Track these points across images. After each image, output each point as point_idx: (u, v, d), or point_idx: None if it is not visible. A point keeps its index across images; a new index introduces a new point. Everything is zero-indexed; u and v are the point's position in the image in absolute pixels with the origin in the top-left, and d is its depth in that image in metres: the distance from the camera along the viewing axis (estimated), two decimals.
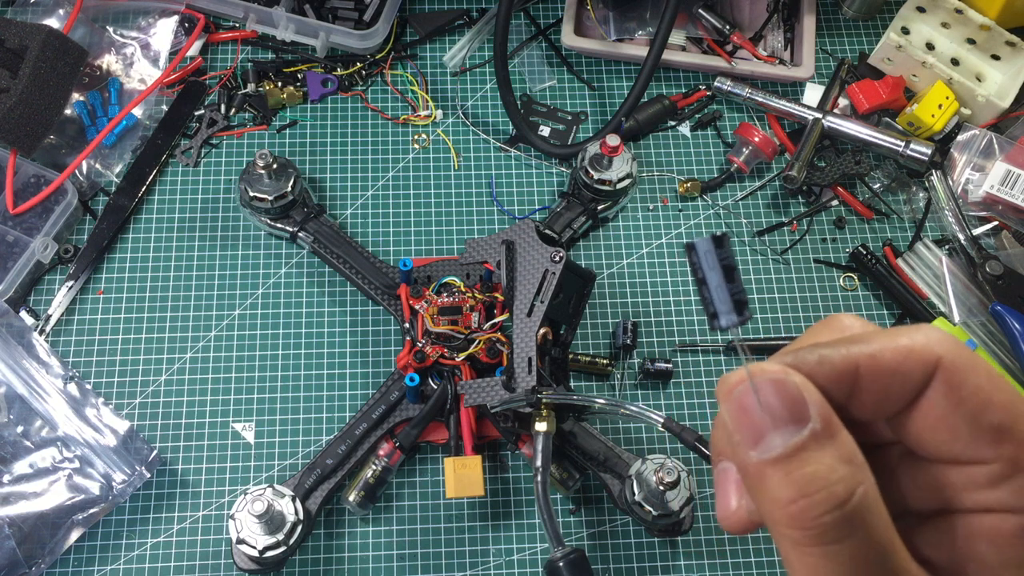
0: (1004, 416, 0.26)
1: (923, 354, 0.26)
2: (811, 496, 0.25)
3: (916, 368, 0.26)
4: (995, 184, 0.77)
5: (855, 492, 0.25)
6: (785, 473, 0.25)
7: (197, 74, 0.82)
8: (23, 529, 0.64)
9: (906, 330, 0.27)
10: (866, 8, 0.87)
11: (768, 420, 0.26)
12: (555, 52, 0.86)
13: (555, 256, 0.67)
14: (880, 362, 0.27)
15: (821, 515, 0.25)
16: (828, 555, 0.25)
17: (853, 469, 0.25)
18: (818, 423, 0.25)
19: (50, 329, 0.72)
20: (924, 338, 0.27)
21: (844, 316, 0.30)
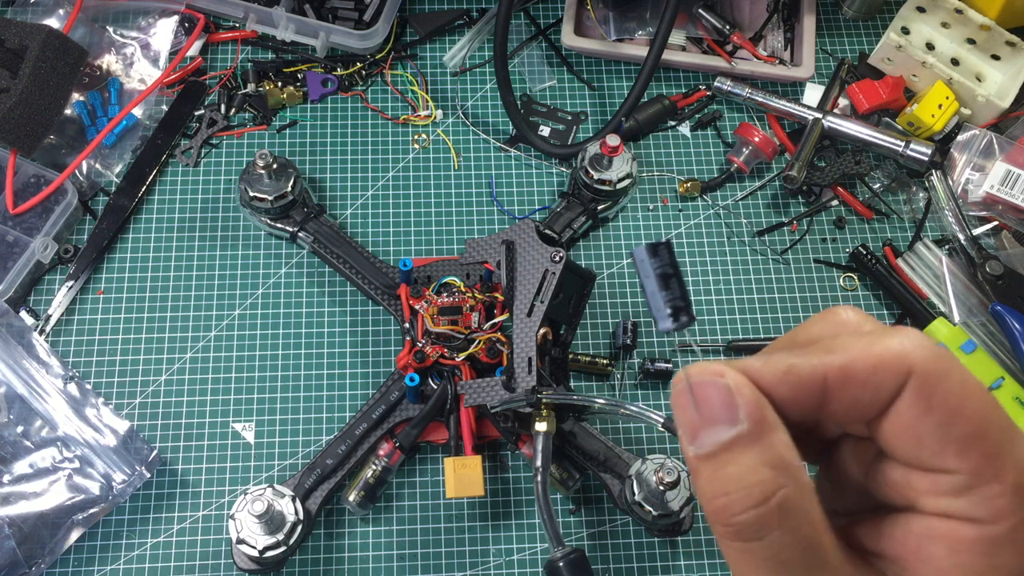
0: (972, 428, 0.26)
1: (895, 364, 0.27)
2: (730, 495, 0.26)
3: (887, 378, 0.27)
4: (995, 184, 0.77)
5: (774, 495, 0.26)
6: (712, 470, 0.27)
7: (197, 74, 0.82)
8: (23, 529, 0.64)
9: (882, 336, 0.27)
10: (866, 8, 0.87)
11: (700, 418, 0.27)
12: (555, 52, 0.86)
13: (555, 256, 0.67)
14: (850, 373, 0.27)
15: (738, 513, 0.26)
16: (747, 550, 0.26)
17: (775, 473, 0.26)
18: (746, 425, 0.27)
19: (50, 329, 0.72)
20: (898, 347, 0.27)
21: (842, 310, 0.30)
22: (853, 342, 0.27)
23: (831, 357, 0.27)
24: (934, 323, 0.72)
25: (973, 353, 0.70)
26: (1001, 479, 0.26)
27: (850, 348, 0.27)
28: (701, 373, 0.28)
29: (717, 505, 0.27)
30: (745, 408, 0.27)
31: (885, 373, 0.27)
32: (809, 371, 0.27)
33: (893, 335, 0.27)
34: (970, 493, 0.26)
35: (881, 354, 0.27)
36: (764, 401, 0.27)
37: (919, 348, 0.26)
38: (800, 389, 0.28)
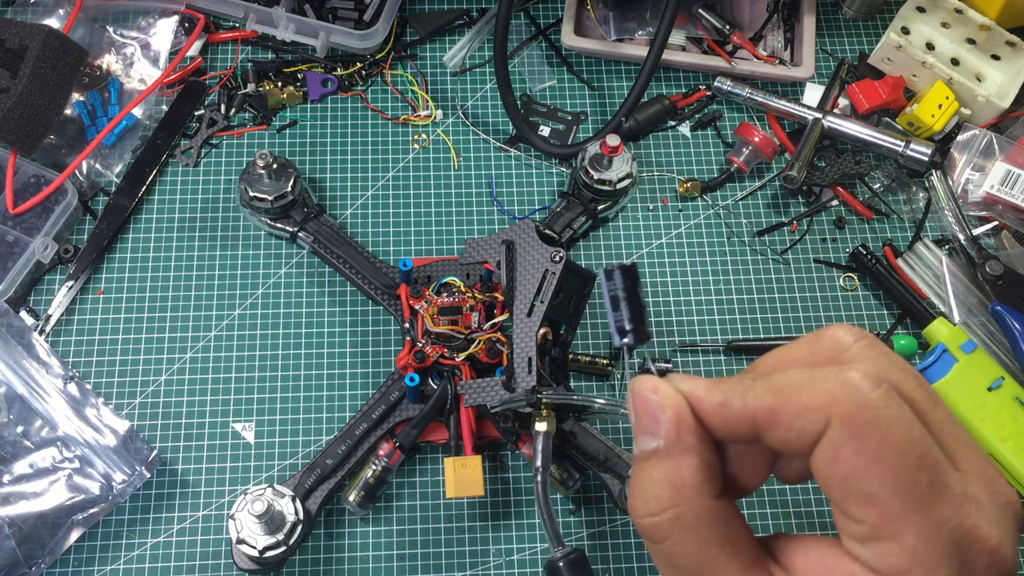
0: (877, 485, 0.27)
1: (816, 413, 0.28)
2: (637, 497, 0.31)
3: (809, 425, 0.28)
4: (995, 184, 0.77)
5: (666, 511, 0.30)
6: (635, 471, 0.31)
7: (197, 74, 0.82)
8: (23, 529, 0.64)
9: (820, 380, 0.28)
10: (866, 8, 0.87)
11: (635, 426, 0.31)
12: (555, 52, 0.86)
13: (555, 256, 0.67)
14: (777, 416, 0.29)
15: (639, 516, 0.30)
16: (650, 547, 0.31)
17: (673, 491, 0.30)
18: (661, 443, 0.30)
19: (50, 329, 0.72)
20: (825, 394, 0.28)
21: (832, 331, 0.31)
22: (792, 379, 0.29)
23: (763, 398, 0.29)
24: (934, 323, 0.72)
25: (973, 353, 0.70)
26: (899, 539, 0.27)
27: (784, 390, 0.29)
28: (641, 386, 0.31)
29: (631, 502, 0.31)
30: (664, 427, 0.30)
31: (807, 419, 0.28)
32: (740, 408, 0.30)
33: (831, 379, 0.28)
34: (872, 544, 0.27)
35: (807, 401, 0.28)
36: (686, 423, 0.30)
37: (846, 398, 0.27)
38: (731, 423, 0.30)
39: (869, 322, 0.75)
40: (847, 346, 0.30)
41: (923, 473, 0.27)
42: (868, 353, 0.30)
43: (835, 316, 0.76)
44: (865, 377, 0.28)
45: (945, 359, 0.70)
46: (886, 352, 0.30)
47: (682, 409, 0.30)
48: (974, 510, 0.27)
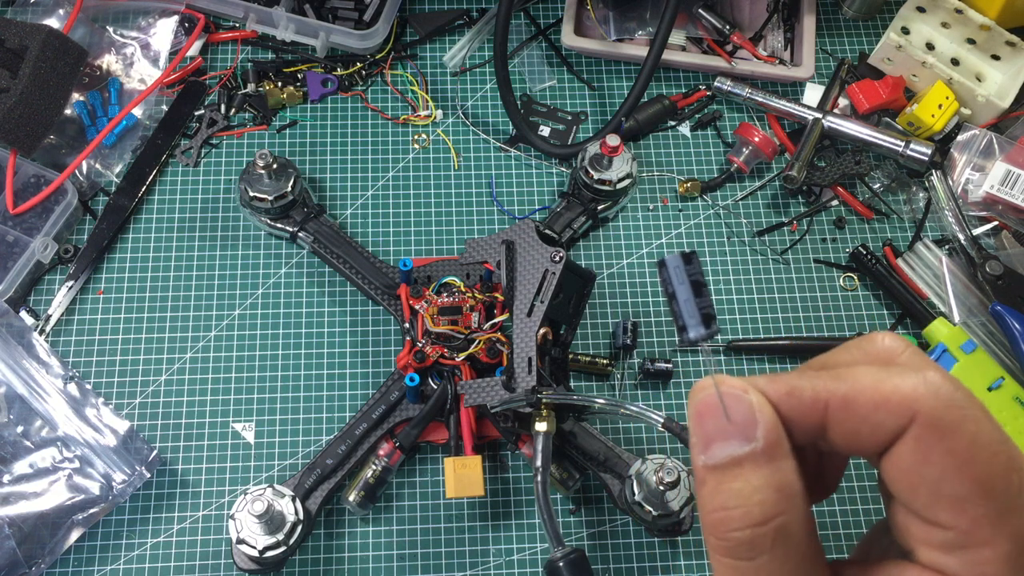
0: (970, 488, 0.25)
1: (899, 406, 0.26)
2: (730, 510, 0.26)
3: (888, 419, 0.26)
4: (995, 184, 0.77)
5: (772, 519, 0.26)
6: (718, 482, 0.27)
7: (197, 74, 0.82)
8: (23, 529, 0.64)
9: (900, 374, 0.26)
10: (866, 8, 0.87)
11: (719, 430, 0.27)
12: (555, 52, 0.86)
13: (555, 256, 0.67)
14: (852, 405, 0.27)
15: (734, 530, 0.26)
16: (735, 568, 0.27)
17: (778, 498, 0.26)
18: (760, 444, 0.27)
19: (50, 329, 0.72)
20: (909, 389, 0.26)
21: (881, 336, 0.29)
22: (866, 374, 0.27)
23: (836, 385, 0.27)
24: (934, 323, 0.72)
25: (973, 353, 0.70)
26: (994, 545, 0.25)
27: (859, 379, 0.27)
28: (730, 385, 0.28)
29: (715, 518, 0.27)
30: (763, 427, 0.27)
31: (887, 413, 0.26)
32: (811, 395, 0.27)
33: (911, 375, 0.26)
34: (961, 553, 0.26)
35: (888, 393, 0.26)
36: (780, 424, 0.27)
37: (931, 395, 0.26)
38: (800, 412, 0.27)
39: (869, 322, 0.75)
40: (898, 352, 0.29)
41: (1015, 475, 0.25)
42: (922, 360, 0.28)
43: (835, 316, 0.76)
44: (946, 378, 0.26)
45: (945, 359, 0.70)
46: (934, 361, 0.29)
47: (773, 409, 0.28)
48: None
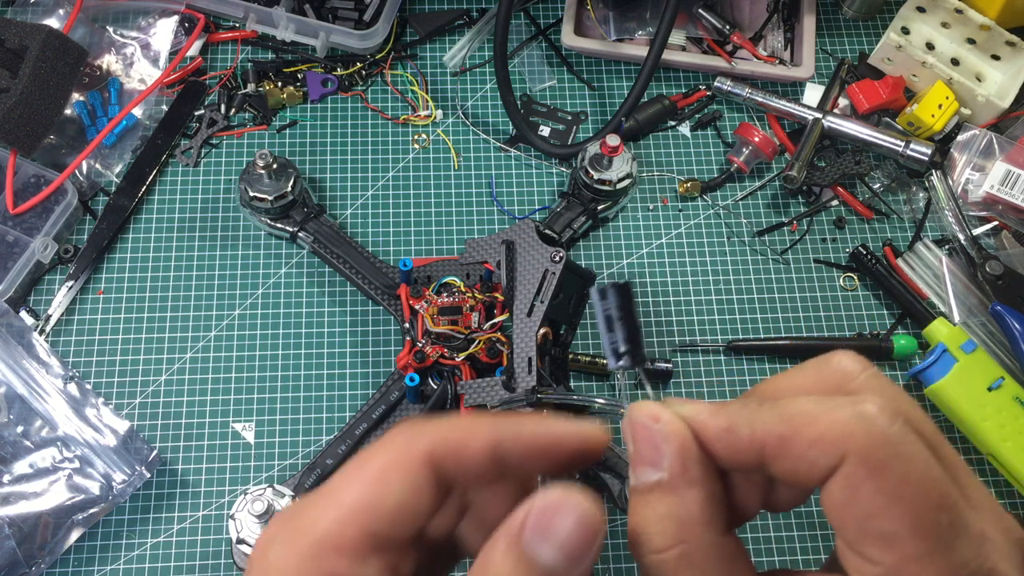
0: (897, 526, 0.25)
1: (830, 445, 0.26)
2: (639, 534, 0.28)
3: (822, 457, 0.26)
4: (995, 184, 0.77)
5: (671, 548, 0.27)
6: (635, 504, 0.28)
7: (197, 74, 0.82)
8: (23, 529, 0.64)
9: (835, 409, 0.26)
10: (866, 8, 0.87)
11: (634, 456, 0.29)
12: (555, 52, 0.86)
13: (555, 256, 0.67)
14: (787, 445, 0.27)
15: (641, 554, 0.28)
16: None
17: (679, 528, 0.27)
18: (665, 475, 0.28)
19: (50, 329, 0.72)
20: (840, 426, 0.26)
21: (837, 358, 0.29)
22: (804, 409, 0.27)
23: (773, 424, 0.27)
24: (934, 323, 0.72)
25: (973, 353, 0.70)
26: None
27: (796, 416, 0.27)
28: (639, 413, 0.29)
29: (630, 537, 0.28)
30: (668, 459, 0.28)
31: (820, 451, 0.26)
32: (747, 435, 0.28)
33: (845, 409, 0.26)
34: None
35: (821, 432, 0.26)
36: (691, 454, 0.28)
37: (863, 432, 0.26)
38: (737, 450, 0.28)
39: (869, 322, 0.75)
40: (854, 375, 0.28)
41: (944, 513, 0.25)
42: (877, 383, 0.28)
43: (835, 316, 0.76)
44: (882, 410, 0.26)
45: (945, 359, 0.70)
46: (892, 383, 0.28)
47: (686, 438, 0.28)
48: (992, 550, 0.26)
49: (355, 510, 0.28)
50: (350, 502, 0.28)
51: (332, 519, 0.27)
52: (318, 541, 0.27)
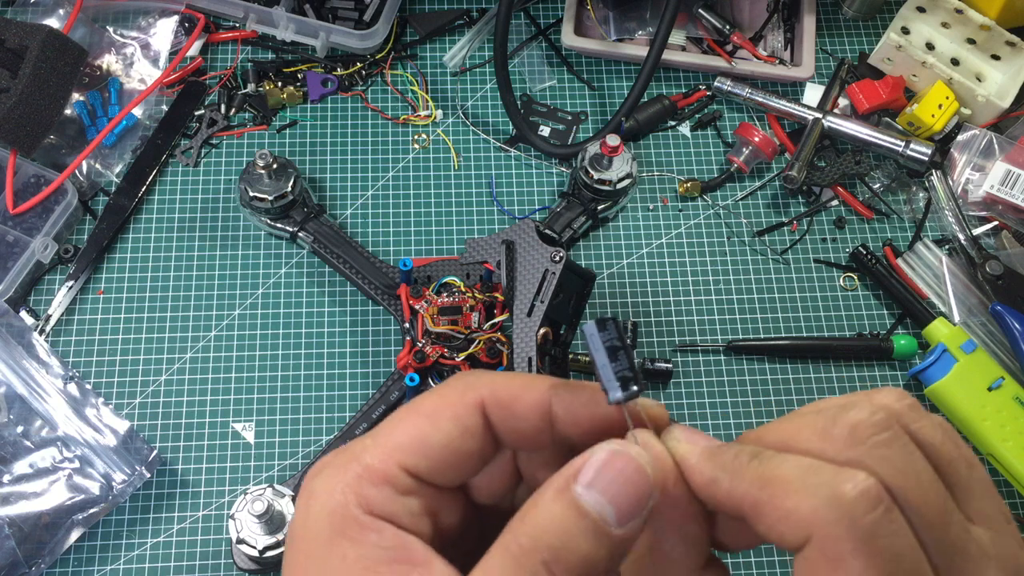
0: None
1: (796, 527, 0.25)
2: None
3: (788, 534, 0.26)
4: (995, 184, 0.77)
5: None
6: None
7: (197, 74, 0.82)
8: (23, 529, 0.64)
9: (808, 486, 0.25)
10: (866, 8, 0.87)
11: None
12: (555, 52, 0.86)
13: (555, 256, 0.67)
14: (760, 511, 0.26)
15: None
16: None
17: None
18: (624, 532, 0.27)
19: (50, 329, 0.72)
20: (810, 508, 0.25)
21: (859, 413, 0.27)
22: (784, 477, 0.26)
23: (748, 488, 0.27)
24: (934, 323, 0.72)
25: (973, 353, 0.70)
26: None
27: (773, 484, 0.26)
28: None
29: None
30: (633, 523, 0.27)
31: (788, 528, 0.25)
32: (726, 492, 0.27)
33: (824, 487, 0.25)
34: None
35: (791, 508, 0.25)
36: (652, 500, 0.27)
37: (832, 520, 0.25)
38: (719, 502, 0.28)
39: (869, 322, 0.75)
40: (861, 440, 0.26)
41: None
42: (883, 452, 0.26)
43: (835, 316, 0.76)
44: (861, 495, 0.25)
45: (945, 359, 0.70)
46: (906, 450, 0.26)
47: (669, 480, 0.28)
48: None
49: (400, 445, 0.29)
50: (397, 438, 0.29)
51: (377, 453, 0.29)
52: (360, 472, 0.28)
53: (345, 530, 0.27)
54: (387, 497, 0.28)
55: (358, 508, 0.28)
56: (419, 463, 0.29)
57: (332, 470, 0.29)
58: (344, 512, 0.28)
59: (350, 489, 0.28)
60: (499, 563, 0.26)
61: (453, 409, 0.29)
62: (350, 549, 0.27)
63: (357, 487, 0.28)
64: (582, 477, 0.27)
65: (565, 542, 0.26)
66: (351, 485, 0.28)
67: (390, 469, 0.28)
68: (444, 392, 0.30)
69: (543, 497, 0.27)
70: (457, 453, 0.29)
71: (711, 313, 0.75)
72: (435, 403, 0.30)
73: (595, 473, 0.27)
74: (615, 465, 0.27)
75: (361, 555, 0.27)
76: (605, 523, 0.26)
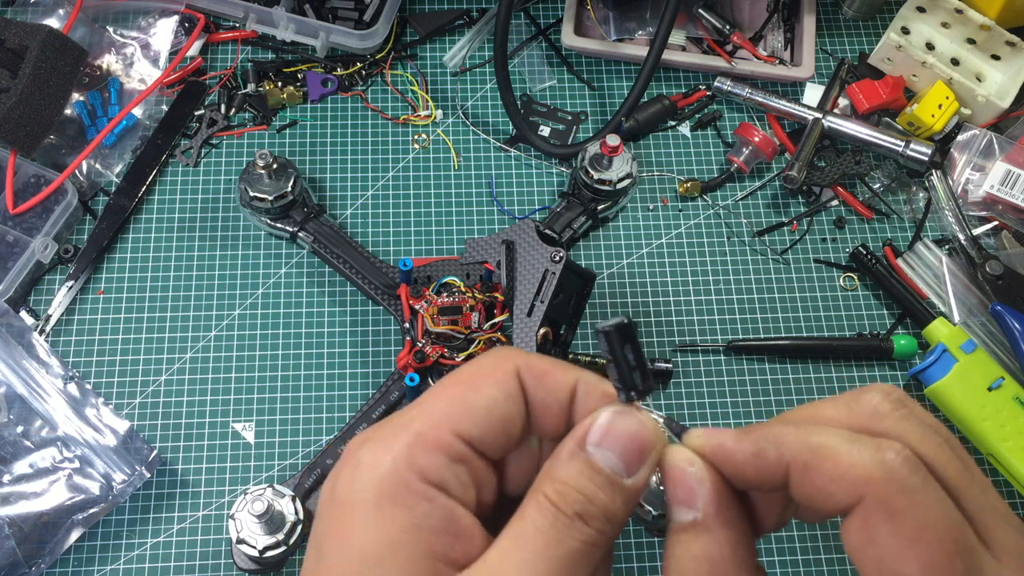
0: (912, 569, 0.26)
1: (850, 486, 0.27)
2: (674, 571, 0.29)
3: (840, 494, 0.28)
4: (995, 184, 0.77)
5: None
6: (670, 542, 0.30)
7: (197, 74, 0.82)
8: (23, 529, 0.64)
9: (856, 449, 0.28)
10: (866, 8, 0.87)
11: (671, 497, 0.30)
12: (555, 52, 0.86)
13: (555, 256, 0.67)
14: (809, 474, 0.28)
15: None
16: None
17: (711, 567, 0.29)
18: (699, 515, 0.29)
19: (50, 329, 0.72)
20: (862, 469, 0.27)
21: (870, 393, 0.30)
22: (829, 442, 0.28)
23: (797, 449, 0.29)
24: (934, 323, 0.72)
25: (973, 353, 0.70)
26: None
27: (820, 449, 0.28)
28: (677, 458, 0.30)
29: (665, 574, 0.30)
30: (702, 500, 0.30)
31: (840, 488, 0.28)
32: (775, 458, 0.29)
33: (869, 452, 0.28)
34: None
35: (843, 470, 0.28)
36: (725, 497, 0.30)
37: (883, 478, 0.27)
38: (765, 472, 0.29)
39: (869, 322, 0.75)
40: (884, 415, 0.29)
41: (959, 559, 0.26)
42: (905, 425, 0.29)
43: (835, 316, 0.76)
44: (905, 461, 0.27)
45: (945, 359, 0.70)
46: (923, 423, 0.29)
47: (719, 482, 0.30)
48: None
49: (448, 413, 0.30)
50: (443, 407, 0.30)
51: (426, 420, 0.29)
52: (411, 441, 0.29)
53: (396, 496, 0.28)
54: (441, 464, 0.29)
55: (411, 474, 0.28)
56: (470, 428, 0.29)
57: (378, 440, 0.29)
58: (396, 479, 0.28)
59: (402, 456, 0.28)
60: (536, 515, 0.28)
61: (493, 376, 0.31)
62: (400, 515, 0.28)
63: (409, 455, 0.28)
64: (591, 438, 0.29)
65: (589, 497, 0.28)
66: (402, 452, 0.29)
67: (443, 436, 0.29)
68: (481, 362, 0.31)
69: (560, 458, 0.29)
70: (502, 418, 0.30)
71: (711, 313, 0.75)
72: (473, 372, 0.31)
73: (602, 434, 0.29)
74: (617, 424, 0.29)
75: (411, 523, 0.28)
76: (617, 475, 0.29)
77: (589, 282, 0.71)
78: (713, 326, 0.75)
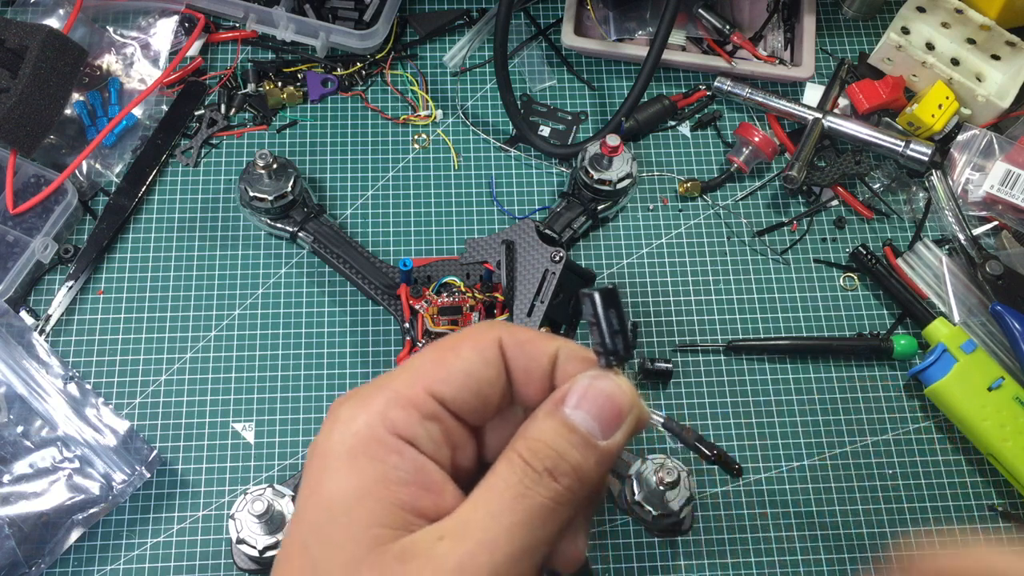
0: None
1: None
2: None
3: None
4: (995, 184, 0.77)
5: None
6: None
7: (197, 74, 0.82)
8: (23, 529, 0.64)
9: None
10: (866, 8, 0.87)
11: None
12: (555, 52, 0.86)
13: (555, 256, 0.67)
14: None
15: None
16: None
17: None
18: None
19: (50, 329, 0.72)
20: None
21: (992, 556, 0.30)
22: None
23: None
24: (934, 323, 0.72)
25: (973, 353, 0.70)
26: None
27: None
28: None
29: None
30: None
31: None
32: None
33: None
34: None
35: None
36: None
37: None
38: None
39: (869, 322, 0.75)
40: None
41: None
42: None
43: (835, 316, 0.76)
44: None
45: (945, 359, 0.70)
46: None
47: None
48: None
49: (425, 372, 0.31)
50: (420, 366, 0.31)
51: (404, 380, 0.31)
52: (387, 397, 0.30)
53: (367, 448, 0.29)
54: (411, 419, 0.30)
55: (382, 428, 0.30)
56: (443, 388, 0.31)
57: (357, 398, 0.31)
58: (369, 432, 0.30)
59: (376, 412, 0.30)
60: (507, 470, 0.29)
61: (474, 341, 0.32)
62: (369, 467, 0.29)
63: (384, 410, 0.30)
64: (569, 400, 0.31)
65: (560, 453, 0.30)
66: (377, 409, 0.30)
67: (417, 394, 0.31)
68: (465, 330, 0.33)
69: (536, 418, 0.31)
70: (479, 381, 0.32)
71: (711, 313, 0.75)
72: (456, 338, 0.32)
73: (579, 397, 0.31)
74: (595, 388, 0.31)
75: (380, 473, 0.29)
76: (592, 436, 0.30)
77: (589, 282, 0.71)
78: (713, 326, 0.75)
